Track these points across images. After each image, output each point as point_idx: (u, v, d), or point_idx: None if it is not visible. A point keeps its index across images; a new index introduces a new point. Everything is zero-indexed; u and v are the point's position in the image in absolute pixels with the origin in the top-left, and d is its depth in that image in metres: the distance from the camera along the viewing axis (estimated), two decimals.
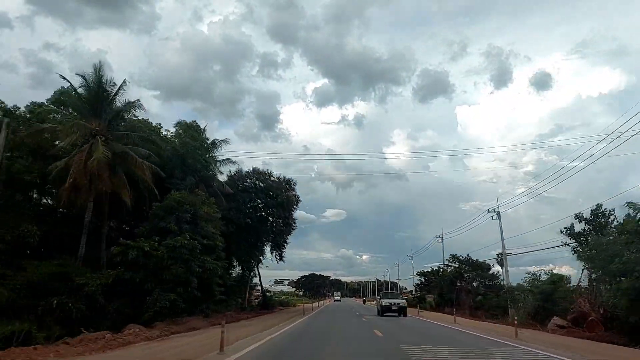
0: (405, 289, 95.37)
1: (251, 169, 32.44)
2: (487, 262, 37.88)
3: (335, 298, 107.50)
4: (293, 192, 33.26)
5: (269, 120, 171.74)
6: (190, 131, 25.42)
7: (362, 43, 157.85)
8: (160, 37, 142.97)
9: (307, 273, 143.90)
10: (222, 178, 31.61)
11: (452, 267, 39.88)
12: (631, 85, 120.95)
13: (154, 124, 25.80)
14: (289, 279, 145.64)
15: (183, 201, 20.15)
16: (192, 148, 24.42)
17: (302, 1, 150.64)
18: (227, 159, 28.80)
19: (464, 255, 39.78)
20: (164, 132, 26.98)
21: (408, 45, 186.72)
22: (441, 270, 47.11)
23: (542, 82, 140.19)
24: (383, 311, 27.42)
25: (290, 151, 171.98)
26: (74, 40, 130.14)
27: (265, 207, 32.34)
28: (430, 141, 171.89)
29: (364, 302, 77.07)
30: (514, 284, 29.12)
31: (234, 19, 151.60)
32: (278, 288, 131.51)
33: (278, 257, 33.97)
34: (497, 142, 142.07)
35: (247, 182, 32.19)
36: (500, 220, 33.42)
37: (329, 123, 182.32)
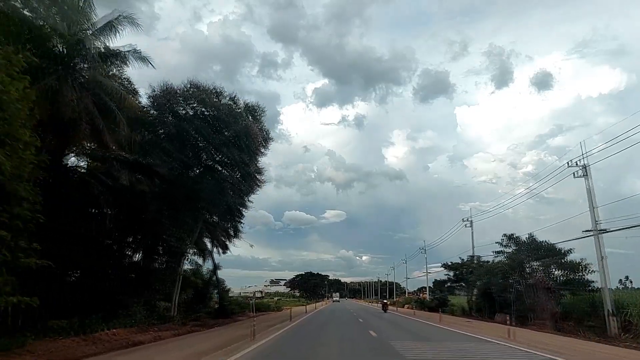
0: (407, 289, 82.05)
1: (187, 82, 19.22)
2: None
3: (334, 299, 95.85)
4: (258, 125, 20.16)
5: (268, 121, 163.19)
6: None
7: (363, 43, 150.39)
8: (159, 37, 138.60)
9: (302, 272, 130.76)
10: (143, 101, 18.89)
11: (505, 254, 26.64)
12: (631, 85, 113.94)
13: None
14: (285, 279, 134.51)
15: None
16: None
17: (302, 1, 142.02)
18: (129, 46, 15.68)
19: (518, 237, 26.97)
20: None
21: (408, 45, 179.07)
22: (474, 262, 34.19)
23: (542, 81, 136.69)
24: None
25: (291, 151, 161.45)
26: None
27: (211, 149, 19.33)
28: (430, 142, 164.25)
29: (384, 307, 38.25)
30: None
31: (233, 19, 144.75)
32: (274, 289, 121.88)
33: (232, 231, 20.69)
34: (496, 142, 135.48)
35: (180, 104, 19.10)
36: (589, 179, 20.53)
37: (328, 124, 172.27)
